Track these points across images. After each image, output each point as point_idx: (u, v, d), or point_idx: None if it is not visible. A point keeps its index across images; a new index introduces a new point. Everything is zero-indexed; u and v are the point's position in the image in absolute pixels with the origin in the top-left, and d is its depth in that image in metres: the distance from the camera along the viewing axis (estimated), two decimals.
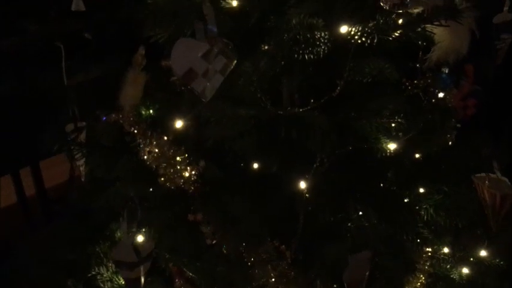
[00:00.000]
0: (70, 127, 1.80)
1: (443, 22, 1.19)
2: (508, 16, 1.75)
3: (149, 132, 1.59)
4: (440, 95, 1.80)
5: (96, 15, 2.37)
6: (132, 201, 1.60)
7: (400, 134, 1.59)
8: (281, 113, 1.39)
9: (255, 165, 1.50)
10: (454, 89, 1.91)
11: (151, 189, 1.54)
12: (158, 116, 1.75)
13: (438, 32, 1.29)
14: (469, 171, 1.65)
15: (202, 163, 1.46)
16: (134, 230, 1.60)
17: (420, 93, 1.71)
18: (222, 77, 1.25)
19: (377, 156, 1.57)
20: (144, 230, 1.60)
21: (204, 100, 1.26)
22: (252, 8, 1.39)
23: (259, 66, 1.31)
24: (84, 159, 1.79)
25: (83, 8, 1.49)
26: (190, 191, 1.43)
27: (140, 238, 1.60)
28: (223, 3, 1.40)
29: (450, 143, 1.75)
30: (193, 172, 1.42)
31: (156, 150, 1.48)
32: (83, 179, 1.87)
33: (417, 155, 1.71)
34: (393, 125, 1.55)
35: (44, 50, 2.41)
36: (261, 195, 1.48)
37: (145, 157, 1.55)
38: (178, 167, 1.43)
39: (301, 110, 1.39)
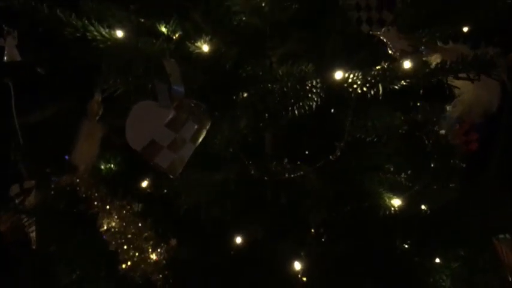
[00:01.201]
0: (15, 189, 1.52)
1: (471, 75, 0.95)
2: None
3: (109, 199, 1.32)
4: (442, 131, 1.59)
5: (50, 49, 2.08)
6: None
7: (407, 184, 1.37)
8: (267, 178, 1.13)
9: (238, 239, 1.24)
10: (457, 125, 1.69)
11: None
12: (121, 170, 1.49)
13: (460, 81, 1.05)
14: (485, 225, 1.42)
15: (173, 242, 1.20)
16: None
17: (424, 136, 1.49)
18: (194, 146, 0.99)
19: (380, 214, 1.33)
20: None
21: (172, 176, 1.00)
22: (227, 52, 1.13)
23: (238, 125, 1.05)
24: (33, 227, 1.51)
25: (18, 58, 1.23)
26: (159, 283, 1.15)
27: None
28: (192, 47, 1.14)
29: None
30: (161, 256, 1.15)
31: (117, 223, 1.20)
32: (34, 247, 1.58)
33: (424, 207, 1.48)
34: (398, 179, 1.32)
35: None
36: (246, 280, 1.22)
37: (105, 228, 1.28)
38: (144, 247, 1.16)
39: (292, 175, 1.13)
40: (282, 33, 1.26)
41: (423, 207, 1.50)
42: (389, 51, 1.03)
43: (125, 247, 1.16)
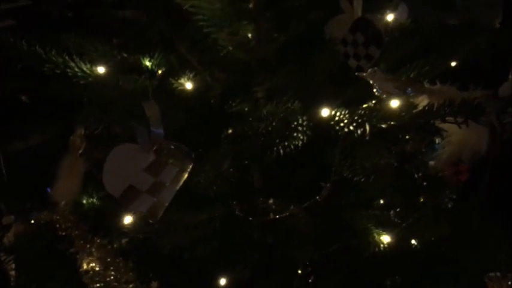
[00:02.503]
0: None
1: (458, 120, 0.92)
2: None
3: (90, 237, 1.28)
4: (431, 162, 1.57)
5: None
6: None
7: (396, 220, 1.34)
8: (251, 219, 1.10)
9: (222, 281, 1.20)
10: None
11: None
12: (103, 206, 1.45)
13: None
14: (476, 262, 1.39)
15: (154, 285, 1.16)
16: None
17: (413, 169, 1.46)
18: (175, 189, 0.96)
19: (369, 251, 1.30)
20: None
21: (151, 221, 0.97)
22: (211, 88, 1.11)
23: (222, 165, 1.02)
24: (13, 265, 1.46)
25: None
26: None
27: None
28: (176, 84, 1.11)
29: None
30: None
31: (96, 264, 1.16)
32: (12, 284, 1.53)
33: (414, 242, 1.45)
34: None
35: None
36: None
37: (84, 269, 1.23)
38: None
39: (277, 216, 1.10)
40: (268, 68, 1.24)
41: (414, 242, 1.47)
42: (376, 93, 1.01)
43: None
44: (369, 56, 1.22)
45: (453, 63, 1.30)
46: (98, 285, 1.13)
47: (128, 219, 1.35)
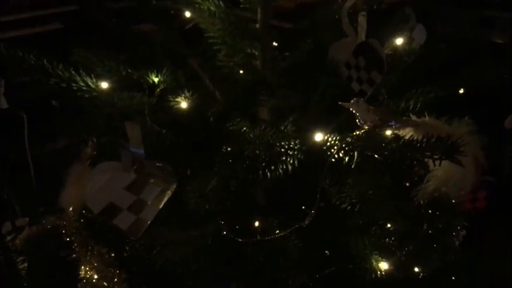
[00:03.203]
0: (7, 226, 1.54)
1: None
2: None
3: (91, 244, 1.32)
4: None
5: None
6: None
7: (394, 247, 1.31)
8: (240, 240, 1.11)
9: None
10: None
11: None
12: None
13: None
14: None
15: None
16: None
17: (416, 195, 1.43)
18: (157, 208, 0.98)
19: (365, 278, 1.28)
20: None
21: (132, 238, 0.99)
22: (208, 108, 1.12)
23: (206, 187, 1.03)
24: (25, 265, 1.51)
25: (5, 105, 1.25)
26: None
27: None
28: (173, 102, 1.14)
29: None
30: None
31: (93, 273, 1.19)
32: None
33: (417, 270, 1.42)
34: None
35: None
36: None
37: (81, 276, 1.27)
38: None
39: (266, 238, 1.10)
40: (271, 88, 1.25)
41: (416, 269, 1.44)
42: (358, 123, 1.00)
43: None
44: (371, 81, 1.21)
45: (461, 91, 1.27)
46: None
47: None
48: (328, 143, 1.06)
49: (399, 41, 1.34)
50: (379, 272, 1.29)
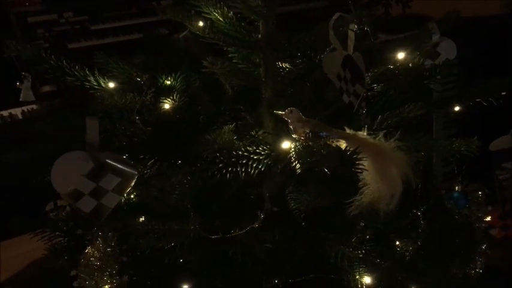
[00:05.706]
0: (50, 206, 1.75)
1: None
2: (507, 143, 1.35)
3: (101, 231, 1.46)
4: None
5: None
6: None
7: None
8: (211, 237, 1.18)
9: None
10: (486, 205, 1.54)
11: None
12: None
13: (366, 172, 0.99)
14: None
15: (125, 279, 1.29)
16: None
17: (419, 214, 1.39)
18: (119, 196, 1.09)
19: None
20: None
21: (96, 221, 1.11)
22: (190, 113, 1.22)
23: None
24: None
25: (32, 98, 1.44)
26: None
27: None
28: (161, 103, 1.24)
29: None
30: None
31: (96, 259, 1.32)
32: None
33: None
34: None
35: None
36: None
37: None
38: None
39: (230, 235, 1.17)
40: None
41: None
42: (290, 133, 1.02)
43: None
44: (356, 93, 1.21)
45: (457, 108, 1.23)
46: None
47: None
48: (292, 151, 1.10)
49: (401, 56, 1.32)
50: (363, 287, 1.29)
